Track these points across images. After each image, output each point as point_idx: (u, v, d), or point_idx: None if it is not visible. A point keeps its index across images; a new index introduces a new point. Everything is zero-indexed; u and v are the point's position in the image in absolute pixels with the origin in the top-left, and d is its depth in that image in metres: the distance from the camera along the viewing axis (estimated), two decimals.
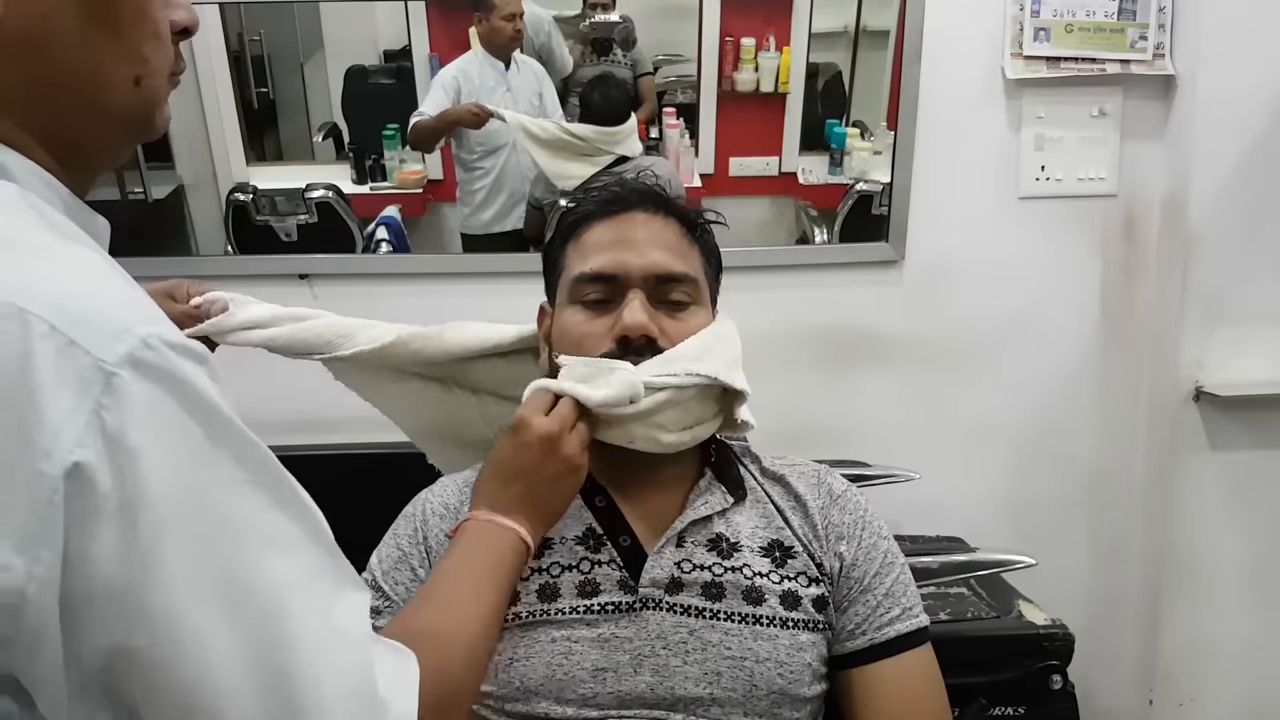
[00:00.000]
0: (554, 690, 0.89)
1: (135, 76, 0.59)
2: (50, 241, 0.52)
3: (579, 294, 0.98)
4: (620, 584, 0.93)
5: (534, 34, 2.00)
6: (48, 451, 0.45)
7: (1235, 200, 1.80)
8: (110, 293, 0.51)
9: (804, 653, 0.93)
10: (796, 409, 1.80)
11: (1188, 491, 1.91)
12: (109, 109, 0.60)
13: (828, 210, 2.06)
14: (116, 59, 0.58)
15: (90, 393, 0.46)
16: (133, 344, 0.48)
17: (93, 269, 0.52)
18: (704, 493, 0.99)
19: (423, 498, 1.03)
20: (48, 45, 0.55)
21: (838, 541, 0.99)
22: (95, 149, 0.62)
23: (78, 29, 0.56)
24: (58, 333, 0.46)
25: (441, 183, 2.06)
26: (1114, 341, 1.95)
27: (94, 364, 0.46)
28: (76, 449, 0.45)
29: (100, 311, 0.48)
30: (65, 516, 0.45)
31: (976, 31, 1.81)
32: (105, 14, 0.57)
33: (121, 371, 0.47)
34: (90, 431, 0.46)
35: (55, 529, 0.45)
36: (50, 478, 0.45)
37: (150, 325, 0.49)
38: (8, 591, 0.45)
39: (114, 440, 0.46)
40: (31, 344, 0.45)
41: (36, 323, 0.46)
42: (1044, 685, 1.50)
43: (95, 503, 0.46)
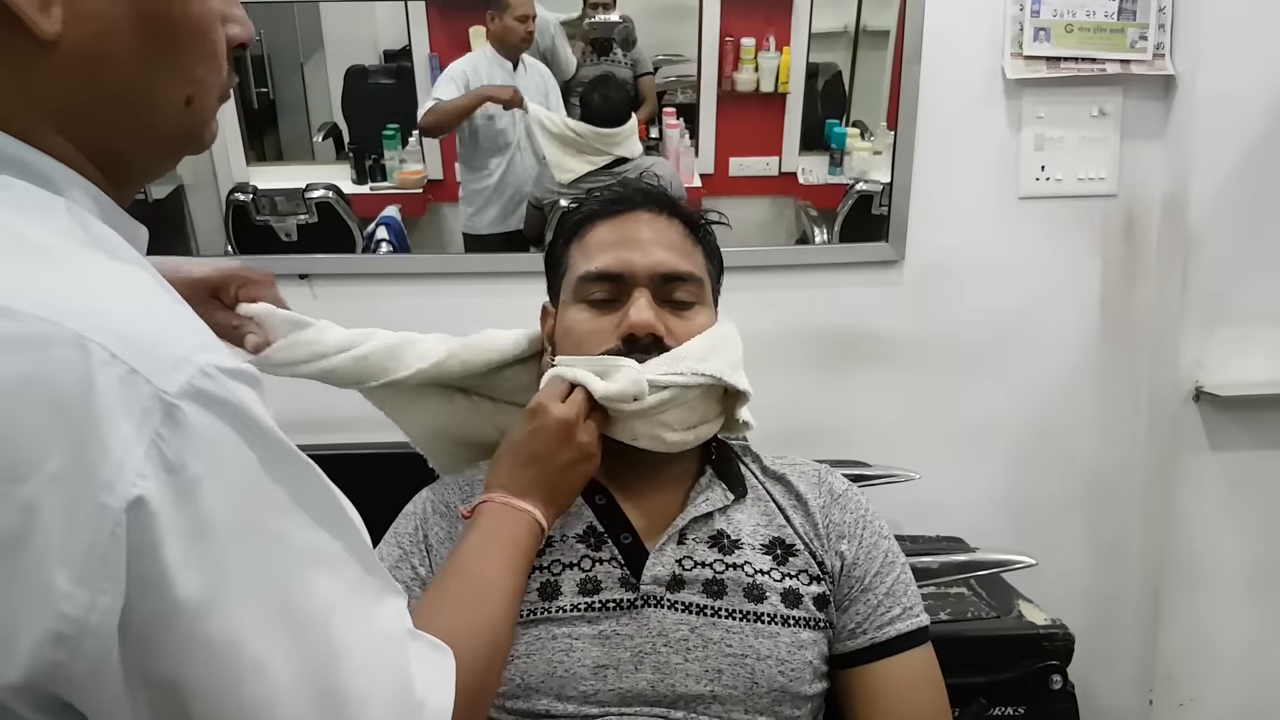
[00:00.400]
0: (555, 687, 0.90)
1: (187, 96, 0.59)
2: (101, 261, 0.51)
3: (584, 293, 0.98)
4: (622, 581, 0.93)
5: (540, 37, 2.00)
6: (110, 483, 0.44)
7: (1235, 200, 1.80)
8: (166, 316, 0.50)
9: (805, 650, 0.93)
10: (796, 409, 1.80)
11: (1188, 491, 1.91)
12: (158, 127, 0.59)
13: (828, 210, 2.06)
14: (171, 79, 0.58)
15: (150, 423, 0.45)
16: (192, 373, 0.47)
17: (145, 290, 0.51)
18: (705, 490, 0.99)
19: (423, 496, 1.04)
20: (104, 63, 0.54)
21: (839, 540, 0.99)
22: (140, 164, 0.62)
23: (135, 49, 0.55)
24: (118, 361, 0.45)
25: (441, 183, 2.06)
26: (1114, 341, 1.95)
27: (155, 394, 0.46)
28: (139, 480, 0.45)
29: (159, 338, 0.48)
30: (128, 548, 0.45)
31: (976, 31, 1.81)
32: (164, 34, 0.56)
33: (181, 403, 0.46)
34: (150, 462, 0.45)
35: (118, 561, 0.45)
36: (113, 510, 0.44)
37: (207, 353, 0.49)
38: (70, 621, 0.45)
39: (174, 471, 0.46)
40: (92, 372, 0.45)
41: (97, 350, 0.45)
42: (1044, 685, 1.50)
43: (157, 536, 0.46)
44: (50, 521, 0.44)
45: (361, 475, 1.69)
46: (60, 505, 0.44)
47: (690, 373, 0.92)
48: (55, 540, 0.44)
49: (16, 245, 0.49)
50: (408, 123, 2.02)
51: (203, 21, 0.59)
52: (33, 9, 0.51)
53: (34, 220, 0.51)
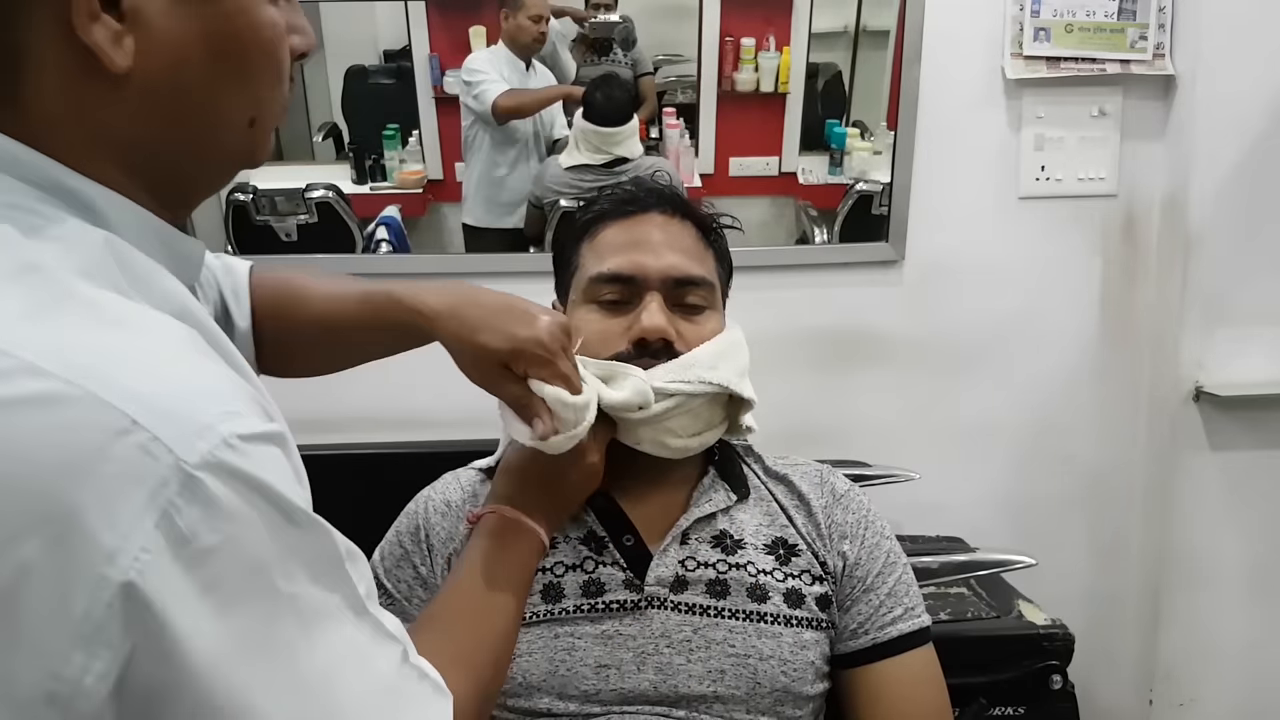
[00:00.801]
0: (557, 686, 0.89)
1: (251, 118, 0.59)
2: (132, 311, 0.50)
3: (595, 294, 0.98)
4: (625, 583, 0.93)
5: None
6: (111, 555, 0.43)
7: (1235, 200, 1.80)
8: (193, 378, 0.49)
9: (807, 651, 0.93)
10: (796, 409, 1.80)
11: (1188, 491, 1.91)
12: (220, 150, 0.59)
13: (828, 210, 2.06)
14: (236, 103, 0.58)
15: (165, 493, 0.44)
16: (215, 444, 0.46)
17: (176, 348, 0.50)
18: (707, 490, 0.99)
19: (424, 495, 1.03)
20: (172, 93, 0.54)
21: (841, 541, 0.99)
22: (198, 185, 0.62)
23: (204, 77, 0.55)
24: (140, 428, 0.44)
25: (441, 183, 2.07)
26: (1114, 341, 1.95)
27: (175, 464, 0.45)
28: (141, 555, 0.44)
29: (183, 403, 0.47)
30: (126, 621, 0.44)
31: (976, 31, 1.81)
32: (233, 60, 0.56)
33: (200, 474, 0.45)
34: (159, 534, 0.44)
35: (114, 630, 0.44)
36: (111, 583, 0.43)
37: (232, 421, 0.47)
38: (63, 681, 0.44)
39: (185, 542, 0.45)
40: (110, 438, 0.44)
41: (117, 416, 0.44)
42: (1044, 685, 1.50)
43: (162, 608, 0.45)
44: (45, 584, 0.43)
45: (361, 475, 1.70)
46: (57, 570, 0.43)
47: (699, 381, 0.92)
48: (49, 603, 0.43)
49: (49, 290, 0.48)
50: (408, 123, 2.02)
51: (272, 41, 0.58)
52: (106, 43, 0.50)
53: (69, 259, 0.50)
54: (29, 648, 0.44)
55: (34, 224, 0.50)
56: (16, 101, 0.51)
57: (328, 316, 0.90)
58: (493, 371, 0.84)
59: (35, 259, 0.49)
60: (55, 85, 0.51)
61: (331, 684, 0.52)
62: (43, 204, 0.51)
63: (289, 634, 0.50)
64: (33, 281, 0.48)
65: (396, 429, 1.71)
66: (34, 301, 0.47)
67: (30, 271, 0.48)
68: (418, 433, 1.68)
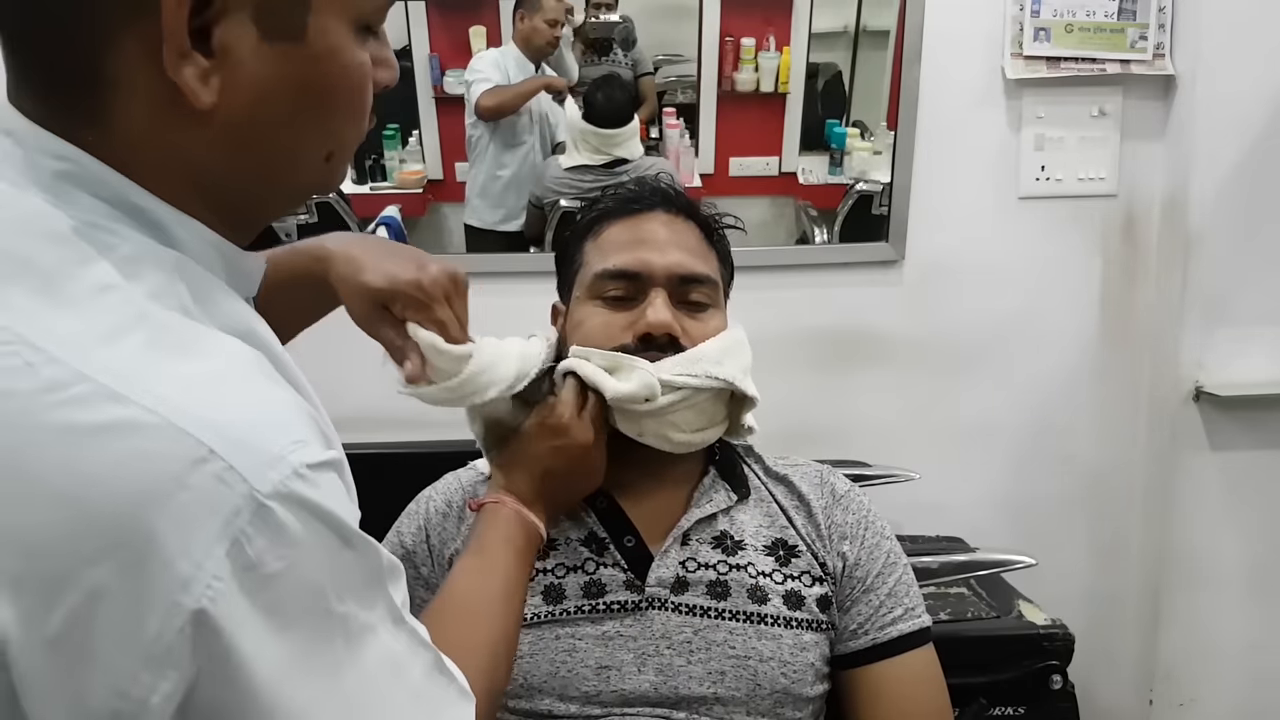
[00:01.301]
0: (557, 687, 0.90)
1: (329, 153, 0.59)
2: (202, 336, 0.51)
3: (600, 290, 0.98)
4: (626, 584, 0.94)
5: None
6: (186, 583, 0.44)
7: (1235, 200, 1.80)
8: (266, 409, 0.50)
9: (807, 652, 0.93)
10: (796, 409, 1.80)
11: (1188, 491, 1.91)
12: (294, 183, 0.60)
13: (828, 210, 2.06)
14: (316, 140, 0.58)
15: (238, 522, 0.45)
16: (286, 474, 0.47)
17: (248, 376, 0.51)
18: (708, 490, 0.99)
19: (425, 496, 1.04)
20: (254, 131, 0.54)
21: (841, 541, 0.99)
22: (267, 212, 0.62)
23: (287, 115, 0.55)
24: (216, 457, 0.45)
25: (442, 183, 2.07)
26: (1114, 341, 1.95)
27: (249, 493, 0.46)
28: (214, 583, 0.45)
29: (256, 433, 0.48)
30: (194, 645, 0.45)
31: (976, 31, 1.81)
32: (317, 99, 0.56)
33: (272, 503, 0.46)
34: (230, 560, 0.45)
35: (183, 654, 0.45)
36: (183, 609, 0.44)
37: (302, 450, 0.48)
38: (129, 700, 0.45)
39: (252, 568, 0.46)
40: (187, 467, 0.45)
41: (194, 445, 0.45)
42: (1044, 685, 1.50)
43: (230, 633, 0.45)
44: (119, 607, 0.44)
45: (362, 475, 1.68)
46: (131, 593, 0.44)
47: (705, 375, 0.92)
48: (122, 625, 0.44)
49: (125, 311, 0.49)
50: (408, 123, 2.02)
51: (358, 81, 0.58)
52: (194, 80, 0.51)
53: (141, 280, 0.50)
54: (99, 666, 0.44)
55: (110, 243, 0.50)
56: (102, 123, 0.52)
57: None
58: (373, 312, 0.83)
59: (110, 279, 0.49)
60: (141, 113, 0.52)
61: (372, 695, 0.53)
62: (117, 223, 0.52)
63: (338, 651, 0.51)
64: (109, 303, 0.48)
65: (397, 429, 1.70)
66: (110, 324, 0.48)
67: (106, 292, 0.49)
68: (418, 433, 1.67)
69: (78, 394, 0.45)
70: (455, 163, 2.05)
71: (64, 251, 0.49)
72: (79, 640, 0.44)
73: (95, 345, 0.47)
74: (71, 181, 0.51)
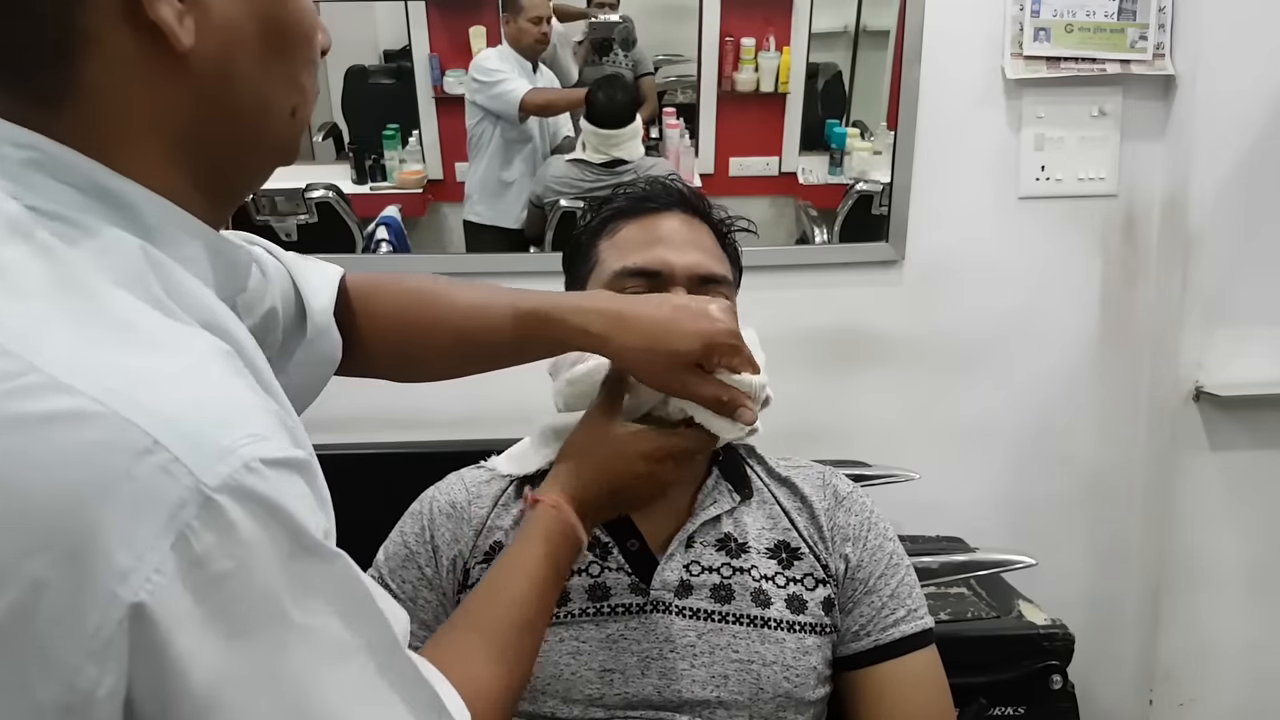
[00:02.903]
0: (561, 690, 0.90)
1: (293, 107, 0.60)
2: (166, 329, 0.50)
3: (618, 288, 0.97)
4: (630, 588, 0.93)
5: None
6: (125, 575, 0.44)
7: (1235, 200, 1.81)
8: (220, 400, 0.49)
9: (810, 656, 0.93)
10: (796, 409, 1.78)
11: (1188, 491, 1.91)
12: (266, 139, 0.60)
13: (828, 210, 2.06)
14: (282, 90, 0.59)
15: (183, 515, 0.44)
16: (236, 467, 0.46)
17: (203, 367, 0.50)
18: (711, 492, 0.99)
19: (429, 496, 1.03)
20: (227, 76, 0.55)
21: (843, 543, 0.99)
22: (242, 180, 0.62)
23: (255, 59, 0.56)
24: (161, 448, 0.44)
25: (441, 183, 2.07)
26: (1114, 341, 1.95)
27: (195, 485, 0.45)
28: (155, 576, 0.44)
29: (207, 426, 0.46)
30: (131, 639, 0.44)
31: (976, 31, 1.81)
32: (281, 43, 0.57)
33: (219, 497, 0.45)
34: (174, 555, 0.44)
35: (121, 647, 0.44)
36: (122, 602, 0.44)
37: (255, 445, 0.47)
38: (77, 693, 0.44)
39: (198, 565, 0.45)
40: (131, 458, 0.44)
41: (139, 436, 0.44)
42: (1044, 685, 1.50)
43: (167, 629, 0.45)
44: (60, 599, 0.43)
45: (362, 475, 1.69)
46: (71, 585, 0.43)
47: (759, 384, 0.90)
48: (64, 617, 0.44)
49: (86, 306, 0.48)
50: (408, 123, 2.02)
51: (309, 28, 0.60)
52: (174, 22, 0.51)
53: (108, 270, 0.50)
54: (45, 659, 0.44)
55: (73, 235, 0.50)
56: (72, 97, 0.52)
57: (473, 330, 0.88)
58: (685, 374, 0.83)
59: (75, 272, 0.49)
60: (114, 71, 0.52)
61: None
62: (84, 211, 0.51)
63: (300, 667, 0.49)
64: (71, 296, 0.48)
65: (399, 429, 1.70)
66: (70, 317, 0.47)
67: (70, 285, 0.48)
68: (420, 433, 1.68)
69: (25, 384, 0.44)
70: (455, 163, 2.05)
71: (23, 246, 0.48)
72: (23, 632, 0.44)
73: (48, 338, 0.46)
74: (38, 169, 0.51)
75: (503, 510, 0.99)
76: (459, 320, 0.88)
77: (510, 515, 0.98)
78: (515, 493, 1.00)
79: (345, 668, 0.52)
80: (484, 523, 0.98)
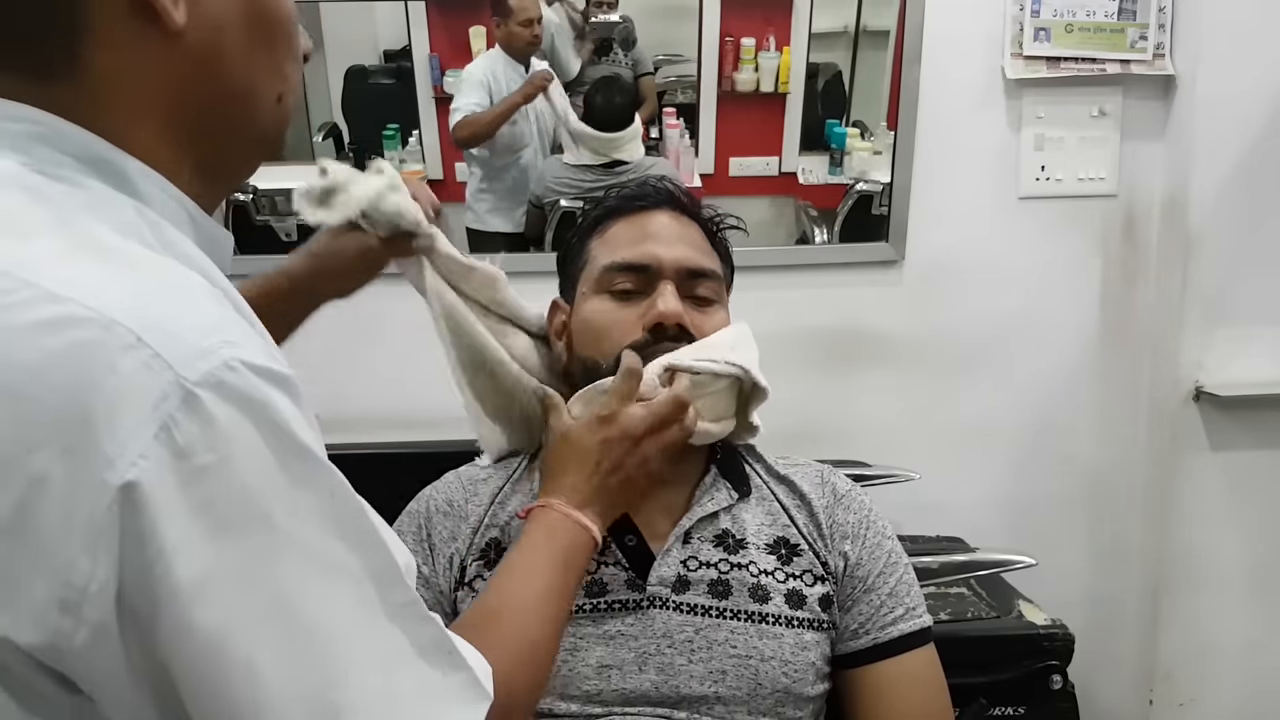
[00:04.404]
0: (559, 686, 0.90)
1: (279, 94, 0.63)
2: (150, 256, 0.53)
3: (607, 283, 0.98)
4: (628, 583, 0.93)
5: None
6: (111, 460, 0.46)
7: (1235, 200, 1.81)
8: (200, 312, 0.51)
9: (808, 652, 0.93)
10: (796, 409, 1.79)
11: (1188, 491, 1.91)
12: (254, 125, 0.62)
13: (828, 210, 2.06)
14: (268, 76, 0.62)
15: (166, 407, 0.46)
16: (215, 364, 0.48)
17: (188, 287, 0.53)
18: (709, 489, 0.99)
19: (426, 495, 1.03)
20: (217, 58, 0.58)
21: (842, 541, 0.99)
22: (233, 165, 0.65)
23: (244, 44, 0.59)
24: (143, 344, 0.47)
25: (441, 183, 2.06)
26: (1114, 341, 1.95)
27: (175, 380, 0.47)
28: (140, 460, 0.46)
29: (188, 328, 0.49)
30: (120, 526, 0.46)
31: (976, 31, 1.82)
32: (265, 31, 0.60)
33: (200, 391, 0.47)
34: (158, 445, 0.46)
35: (112, 536, 0.46)
36: (110, 487, 0.46)
37: (235, 349, 0.49)
38: (73, 588, 0.46)
39: (182, 456, 0.47)
40: (116, 354, 0.46)
41: (124, 333, 0.47)
42: (1044, 685, 1.50)
43: (152, 517, 0.46)
44: (57, 492, 0.46)
45: (363, 475, 1.67)
46: (67, 478, 0.46)
47: (724, 361, 0.92)
48: (61, 511, 0.46)
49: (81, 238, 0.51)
50: (408, 123, 2.02)
51: (292, 21, 0.63)
52: (168, 1, 0.54)
53: (103, 217, 0.53)
54: (44, 554, 0.46)
55: (71, 190, 0.54)
56: (73, 76, 0.54)
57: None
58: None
59: (70, 214, 0.52)
60: (112, 51, 0.54)
61: (335, 643, 0.52)
62: (82, 174, 0.54)
63: (289, 576, 0.50)
64: (67, 231, 0.51)
65: (397, 429, 1.70)
66: (66, 247, 0.51)
67: (66, 224, 0.52)
68: (418, 433, 1.68)
69: (21, 298, 0.47)
70: (455, 163, 2.05)
71: (23, 195, 0.52)
72: (24, 528, 0.46)
73: (46, 262, 0.49)
74: (41, 141, 0.54)
75: (499, 508, 0.99)
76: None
77: (506, 513, 0.98)
78: (511, 490, 1.01)
79: (338, 586, 0.52)
80: (481, 520, 0.98)
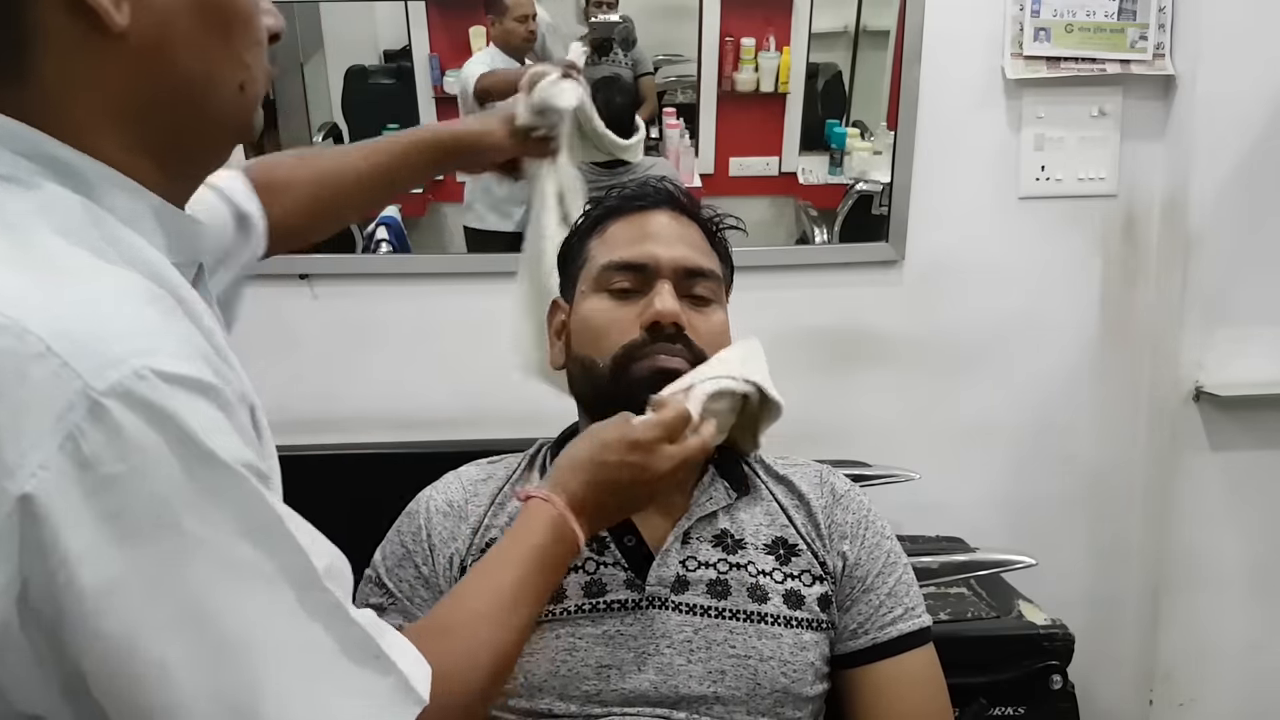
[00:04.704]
0: (558, 687, 0.90)
1: (240, 82, 0.63)
2: (86, 262, 0.53)
3: (606, 281, 0.98)
4: (627, 584, 0.93)
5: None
6: (11, 470, 0.46)
7: (1235, 200, 1.81)
8: (121, 319, 0.51)
9: (807, 652, 0.93)
10: (796, 409, 1.77)
11: (1188, 491, 1.91)
12: (215, 115, 0.63)
13: (828, 210, 2.06)
14: (225, 66, 0.61)
15: (71, 417, 0.47)
16: (125, 373, 0.48)
17: (116, 292, 0.53)
18: (708, 489, 0.99)
19: (426, 495, 1.03)
20: (166, 53, 0.58)
21: (840, 541, 0.99)
22: (199, 156, 0.65)
23: (194, 37, 0.59)
24: (52, 354, 0.47)
25: (441, 182, 2.06)
26: (1114, 341, 1.95)
27: (82, 389, 0.47)
28: (40, 471, 0.46)
29: (102, 338, 0.49)
30: (20, 535, 0.46)
31: (976, 31, 1.81)
32: (218, 20, 0.60)
33: (107, 401, 0.47)
34: (61, 455, 0.47)
35: (11, 544, 0.47)
36: (9, 496, 0.46)
37: (147, 357, 0.49)
38: None
39: (87, 466, 0.47)
40: (26, 362, 0.47)
41: (34, 342, 0.47)
42: (1044, 685, 1.50)
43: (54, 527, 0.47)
44: None
45: (362, 475, 1.69)
46: None
47: (743, 380, 0.91)
48: None
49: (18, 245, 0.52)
50: (408, 123, 2.02)
51: (248, 10, 0.63)
52: (109, 4, 0.54)
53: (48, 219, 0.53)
54: None
55: (17, 191, 0.54)
56: (26, 81, 0.55)
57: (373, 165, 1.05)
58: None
59: (11, 219, 0.53)
60: (59, 56, 0.55)
61: (249, 646, 0.51)
62: (34, 175, 0.55)
63: (199, 581, 0.50)
64: (6, 238, 0.52)
65: (396, 429, 1.71)
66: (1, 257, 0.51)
67: (6, 230, 0.52)
68: (418, 433, 1.68)
69: None
70: None
71: None
72: None
73: None
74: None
75: (499, 509, 0.99)
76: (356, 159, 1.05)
77: (506, 513, 0.98)
78: (511, 490, 1.01)
79: (251, 589, 0.52)
80: (481, 520, 0.98)
